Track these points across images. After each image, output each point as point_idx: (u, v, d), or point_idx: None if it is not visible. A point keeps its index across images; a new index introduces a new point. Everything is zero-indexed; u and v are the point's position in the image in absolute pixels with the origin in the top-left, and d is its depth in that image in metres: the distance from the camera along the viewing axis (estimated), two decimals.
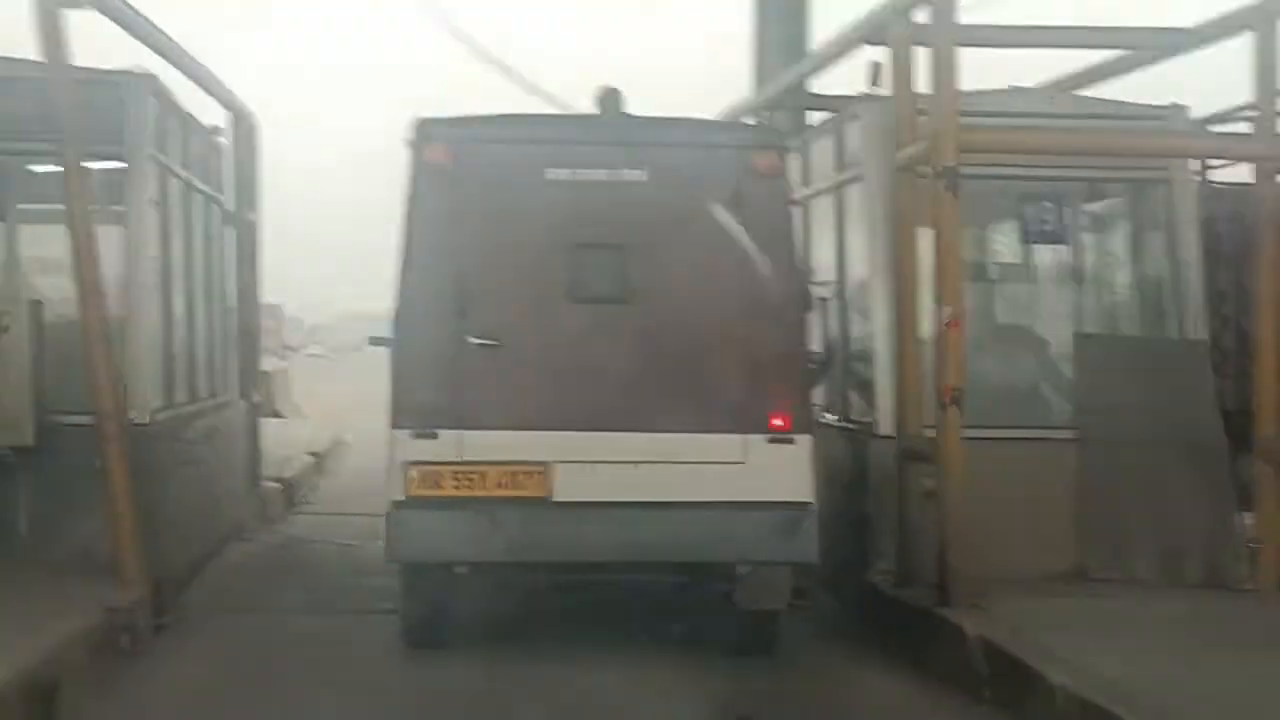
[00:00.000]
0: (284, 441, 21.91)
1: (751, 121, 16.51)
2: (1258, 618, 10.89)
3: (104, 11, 11.83)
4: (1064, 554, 11.93)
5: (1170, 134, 12.79)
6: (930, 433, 11.27)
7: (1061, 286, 13.59)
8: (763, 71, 18.93)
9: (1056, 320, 13.42)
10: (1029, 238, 12.90)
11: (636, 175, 10.65)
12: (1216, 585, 11.72)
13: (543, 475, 10.40)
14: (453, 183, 10.61)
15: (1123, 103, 13.31)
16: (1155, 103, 12.97)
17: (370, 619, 11.99)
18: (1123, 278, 13.33)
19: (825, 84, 15.40)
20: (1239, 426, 12.02)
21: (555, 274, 10.57)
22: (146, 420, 11.92)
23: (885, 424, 12.11)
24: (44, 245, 12.91)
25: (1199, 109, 14.02)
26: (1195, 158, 13.75)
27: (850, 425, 13.09)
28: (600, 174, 10.66)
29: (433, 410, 10.46)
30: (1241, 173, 13.51)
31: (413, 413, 10.48)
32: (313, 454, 22.59)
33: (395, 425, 10.51)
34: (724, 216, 10.64)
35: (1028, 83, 13.88)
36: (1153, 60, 14.13)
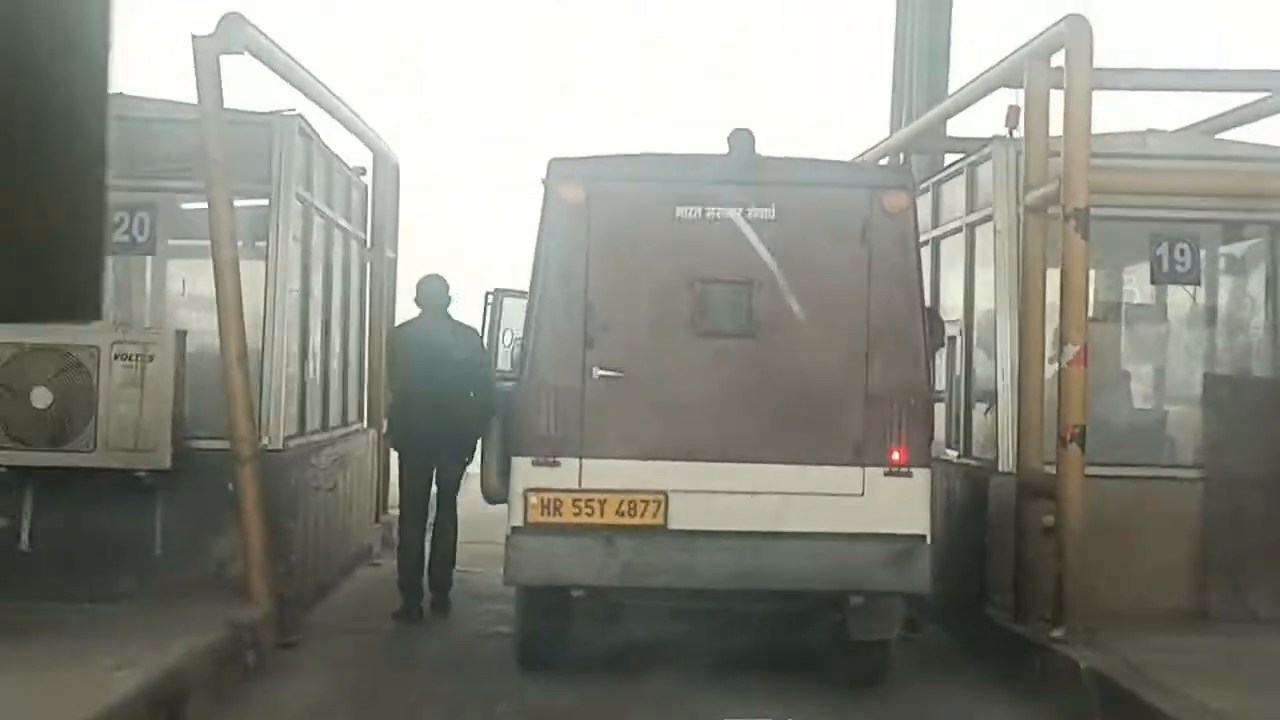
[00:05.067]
0: None
1: (885, 162, 16.56)
2: None
3: (258, 56, 12.12)
4: (1185, 593, 11.84)
5: None
6: (1050, 469, 11.22)
7: (1193, 328, 13.49)
8: (901, 114, 19.04)
9: (1188, 361, 13.33)
10: (1161, 278, 12.78)
11: (765, 213, 10.66)
12: None
13: (660, 504, 10.44)
14: (584, 219, 10.66)
15: (1262, 145, 13.19)
16: None
17: (486, 641, 12.19)
18: (1256, 320, 13.18)
19: (964, 126, 15.43)
20: None
21: (681, 308, 10.60)
22: (280, 446, 12.22)
23: (1006, 460, 12.07)
24: (192, 278, 13.28)
25: None
26: None
27: (971, 461, 13.07)
28: (729, 212, 10.65)
29: (555, 439, 10.53)
30: None
31: (535, 441, 10.55)
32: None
33: (517, 452, 10.61)
34: (851, 254, 10.63)
35: (1169, 126, 13.78)
36: None
